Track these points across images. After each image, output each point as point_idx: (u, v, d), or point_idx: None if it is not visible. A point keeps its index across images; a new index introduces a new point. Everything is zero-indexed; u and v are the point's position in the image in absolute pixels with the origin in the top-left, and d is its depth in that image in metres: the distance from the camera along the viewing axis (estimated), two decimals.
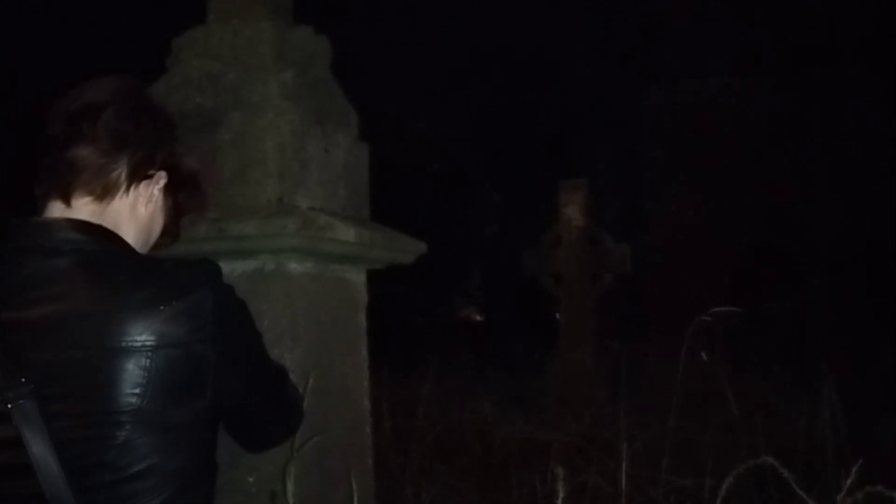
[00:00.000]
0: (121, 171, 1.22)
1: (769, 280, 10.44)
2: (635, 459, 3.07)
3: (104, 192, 1.21)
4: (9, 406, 1.06)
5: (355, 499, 1.84)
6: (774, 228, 10.99)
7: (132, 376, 1.07)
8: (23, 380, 1.07)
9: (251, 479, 1.93)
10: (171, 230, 1.34)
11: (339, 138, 2.21)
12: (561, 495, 1.84)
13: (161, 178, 1.28)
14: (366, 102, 2.39)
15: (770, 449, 2.50)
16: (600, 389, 5.01)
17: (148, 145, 1.25)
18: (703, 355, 2.83)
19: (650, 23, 11.39)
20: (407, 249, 2.34)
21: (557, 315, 5.95)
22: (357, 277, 2.30)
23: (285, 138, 2.01)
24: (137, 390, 1.08)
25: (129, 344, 1.08)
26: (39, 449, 1.05)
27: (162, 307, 1.10)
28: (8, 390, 1.07)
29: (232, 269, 1.93)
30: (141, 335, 1.08)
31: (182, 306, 1.11)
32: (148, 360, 1.08)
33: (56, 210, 1.20)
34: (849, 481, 1.72)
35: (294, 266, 2.03)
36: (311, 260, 2.07)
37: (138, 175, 1.24)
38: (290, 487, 1.70)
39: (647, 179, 11.66)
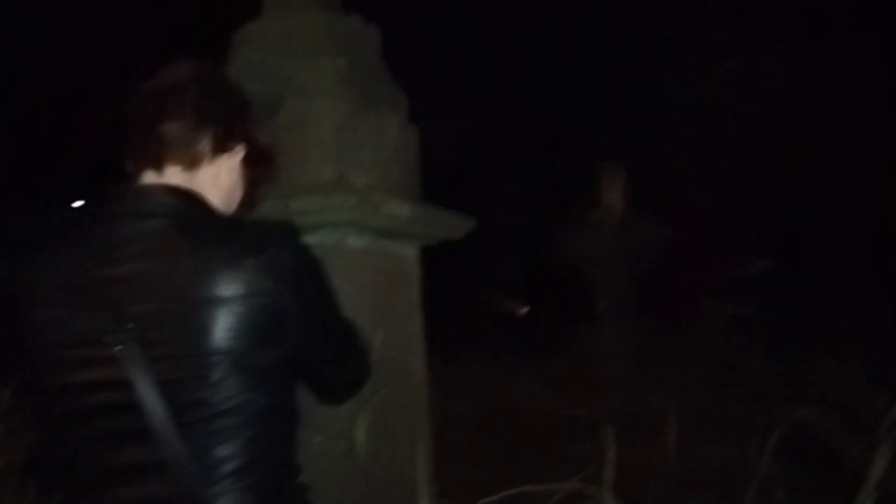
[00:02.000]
0: (205, 144, 1.34)
1: (796, 259, 10.35)
2: (676, 432, 3.15)
3: (191, 163, 1.33)
4: (117, 349, 1.19)
5: (418, 457, 1.96)
6: (803, 208, 10.86)
7: (224, 322, 1.19)
8: (127, 326, 1.19)
9: (317, 441, 2.06)
10: (247, 200, 1.47)
11: (390, 121, 2.33)
12: (612, 451, 1.93)
13: (240, 151, 1.40)
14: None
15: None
16: (639, 367, 5.08)
17: (228, 120, 1.37)
18: (729, 310, 2.89)
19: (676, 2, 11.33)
20: (457, 225, 2.46)
21: (593, 300, 6.02)
22: (410, 253, 2.42)
23: (341, 121, 2.14)
24: (229, 334, 1.19)
25: (220, 294, 1.20)
26: (145, 389, 1.18)
27: (248, 260, 1.22)
28: (116, 336, 1.19)
29: None
30: (230, 286, 1.20)
31: (266, 259, 1.23)
32: (237, 308, 1.20)
33: (150, 178, 1.32)
34: None
35: (352, 241, 2.16)
36: (367, 235, 2.19)
37: (220, 148, 1.36)
38: (359, 438, 1.82)
39: (677, 161, 11.62)
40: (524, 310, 13.41)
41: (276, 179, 1.55)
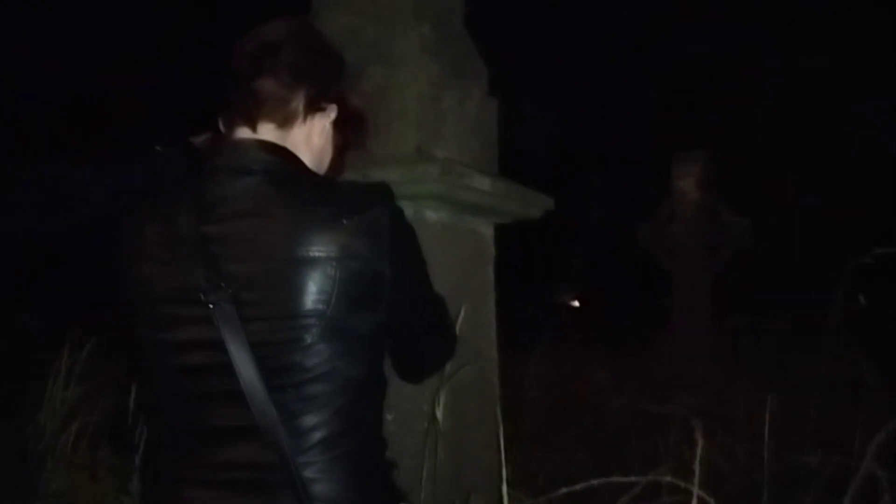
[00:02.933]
0: (299, 103, 1.30)
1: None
2: (755, 435, 2.99)
3: (285, 121, 1.29)
4: (211, 307, 1.15)
5: (492, 441, 1.88)
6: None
7: (318, 284, 1.15)
8: (222, 285, 1.16)
9: (390, 418, 2.00)
10: (336, 163, 1.42)
11: (472, 92, 2.25)
12: (698, 454, 1.81)
13: (332, 112, 1.35)
14: None
15: None
16: (717, 365, 4.89)
17: (322, 80, 1.33)
18: (861, 299, 2.72)
19: None
20: (536, 203, 2.37)
21: (667, 297, 5.83)
22: (487, 231, 2.35)
23: (424, 89, 2.07)
24: (323, 297, 1.15)
25: (316, 254, 1.15)
26: (237, 349, 1.14)
27: (344, 221, 1.17)
28: (210, 294, 1.16)
29: None
30: (326, 247, 1.15)
31: (362, 222, 1.18)
32: (332, 270, 1.15)
33: (244, 134, 1.29)
34: None
35: (431, 214, 2.09)
36: (446, 209, 2.12)
37: (314, 107, 1.32)
38: (439, 416, 1.76)
39: (766, 155, 11.23)
40: (576, 302, 13.19)
41: (364, 145, 1.50)
